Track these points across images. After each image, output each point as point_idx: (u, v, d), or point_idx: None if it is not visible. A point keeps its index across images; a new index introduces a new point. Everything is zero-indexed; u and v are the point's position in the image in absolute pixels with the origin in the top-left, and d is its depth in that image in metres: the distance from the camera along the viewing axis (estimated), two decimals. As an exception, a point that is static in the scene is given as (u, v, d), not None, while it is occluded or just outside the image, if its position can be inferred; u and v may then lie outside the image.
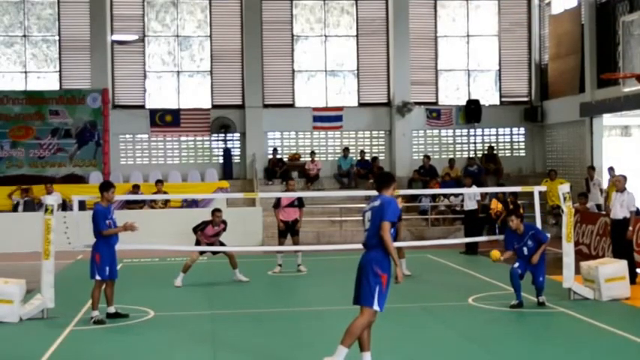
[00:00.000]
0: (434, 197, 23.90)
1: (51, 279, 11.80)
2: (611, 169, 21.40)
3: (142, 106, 26.64)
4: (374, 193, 9.06)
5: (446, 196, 23.68)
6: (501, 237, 19.28)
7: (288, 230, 16.57)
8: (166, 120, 26.25)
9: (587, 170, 22.60)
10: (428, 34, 27.65)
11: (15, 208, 22.70)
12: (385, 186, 8.57)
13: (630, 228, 14.38)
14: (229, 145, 26.77)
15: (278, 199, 16.73)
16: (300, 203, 16.65)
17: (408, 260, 15.82)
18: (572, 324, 11.16)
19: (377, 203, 8.36)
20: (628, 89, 20.42)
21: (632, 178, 16.19)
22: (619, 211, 14.39)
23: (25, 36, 26.42)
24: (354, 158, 26.56)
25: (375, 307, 8.33)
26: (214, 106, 26.82)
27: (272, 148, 26.65)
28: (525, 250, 12.17)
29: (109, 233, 11.27)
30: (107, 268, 11.25)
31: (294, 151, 27.03)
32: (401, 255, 15.82)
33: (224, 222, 15.08)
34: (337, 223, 23.61)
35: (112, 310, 11.59)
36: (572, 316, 11.51)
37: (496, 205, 21.74)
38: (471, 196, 19.42)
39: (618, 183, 14.65)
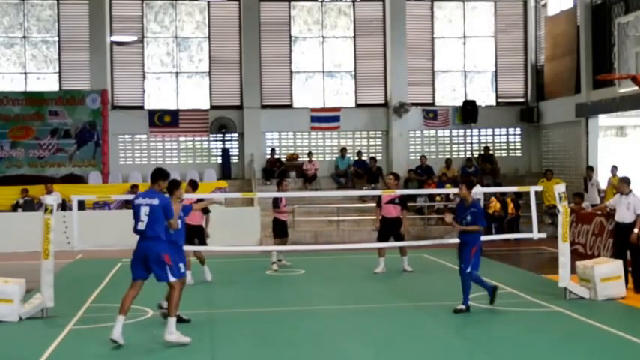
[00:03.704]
0: (430, 197, 24.01)
1: (50, 278, 11.85)
2: (614, 168, 21.43)
3: (141, 107, 26.75)
4: (371, 192, 9.21)
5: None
6: (498, 237, 19.50)
7: (284, 230, 17.00)
8: (165, 120, 26.36)
9: (585, 170, 22.72)
10: (425, 35, 27.79)
11: (15, 208, 22.78)
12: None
13: (635, 230, 13.64)
14: (227, 145, 26.87)
15: (280, 200, 17.11)
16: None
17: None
18: (567, 323, 11.21)
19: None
20: (623, 90, 20.57)
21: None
22: (626, 215, 13.83)
23: (24, 37, 26.52)
24: (352, 158, 26.68)
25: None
26: (213, 107, 26.93)
27: (270, 149, 26.76)
28: (464, 224, 11.98)
29: (175, 224, 10.32)
30: (181, 265, 11.01)
31: (292, 152, 27.13)
32: (403, 252, 16.16)
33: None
34: (335, 222, 23.72)
35: (164, 304, 11.32)
36: (568, 315, 11.58)
37: (494, 205, 21.87)
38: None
39: (621, 187, 14.12)
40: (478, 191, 18.89)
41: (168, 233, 10.33)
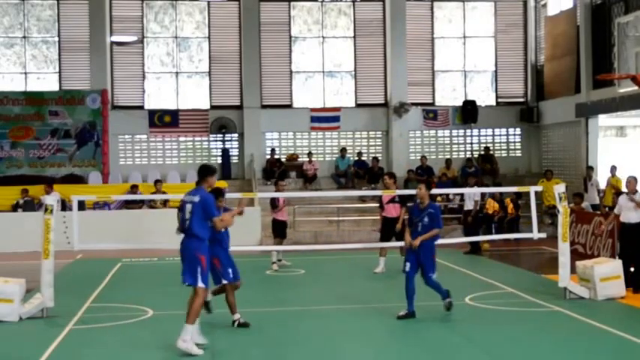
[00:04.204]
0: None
1: (50, 278, 11.85)
2: (614, 168, 21.45)
3: (141, 107, 26.76)
4: (371, 192, 9.20)
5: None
6: (498, 237, 19.47)
7: (283, 230, 17.07)
8: (165, 120, 26.37)
9: (585, 170, 22.73)
10: (425, 35, 27.80)
11: (15, 208, 22.78)
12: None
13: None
14: (228, 145, 26.88)
15: (278, 200, 17.08)
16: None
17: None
18: (567, 323, 11.22)
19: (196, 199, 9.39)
20: (623, 90, 20.58)
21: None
22: (632, 215, 13.62)
23: (24, 37, 26.52)
24: (352, 158, 26.68)
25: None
26: (213, 107, 26.94)
27: (270, 149, 26.77)
28: (420, 226, 11.54)
29: (219, 223, 9.71)
30: (230, 271, 10.91)
31: (292, 152, 27.14)
32: (403, 252, 16.19)
33: None
34: (335, 222, 23.72)
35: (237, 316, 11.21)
36: (568, 315, 11.59)
37: (492, 205, 21.87)
38: (470, 195, 19.50)
39: (629, 185, 13.91)
40: (476, 191, 19.08)
41: (214, 233, 9.90)
